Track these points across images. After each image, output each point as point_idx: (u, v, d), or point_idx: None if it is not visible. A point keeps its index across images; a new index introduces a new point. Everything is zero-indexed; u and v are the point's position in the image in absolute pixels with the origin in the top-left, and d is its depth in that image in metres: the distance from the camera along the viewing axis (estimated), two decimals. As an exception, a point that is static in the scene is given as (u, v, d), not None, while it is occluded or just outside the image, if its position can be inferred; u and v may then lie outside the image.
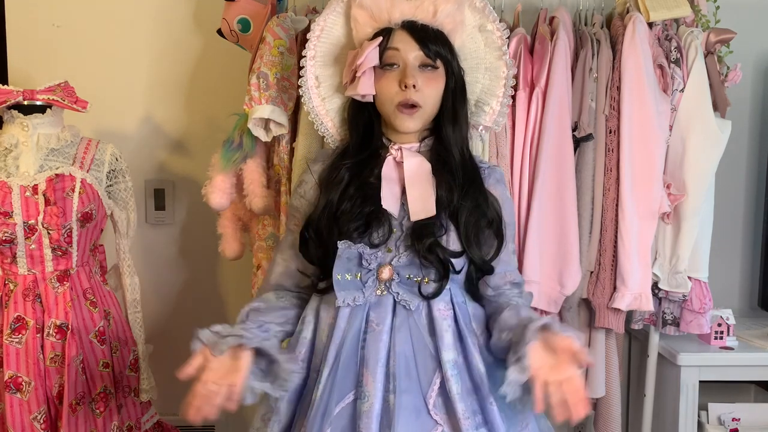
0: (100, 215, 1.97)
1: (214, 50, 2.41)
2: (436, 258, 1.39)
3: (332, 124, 1.56)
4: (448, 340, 1.39)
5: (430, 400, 1.36)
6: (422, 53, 1.42)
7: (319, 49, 1.52)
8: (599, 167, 1.99)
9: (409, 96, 1.40)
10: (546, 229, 1.95)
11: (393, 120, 1.44)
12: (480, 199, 1.44)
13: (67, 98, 1.93)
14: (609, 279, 2.00)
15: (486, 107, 1.55)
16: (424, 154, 1.47)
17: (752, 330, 2.33)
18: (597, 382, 2.04)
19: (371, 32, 1.45)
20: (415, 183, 1.43)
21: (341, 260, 1.38)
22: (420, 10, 1.43)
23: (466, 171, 1.45)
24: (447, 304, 1.41)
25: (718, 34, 2.03)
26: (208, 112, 2.49)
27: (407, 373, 1.36)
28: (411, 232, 1.41)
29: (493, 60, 1.52)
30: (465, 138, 1.49)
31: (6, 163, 1.89)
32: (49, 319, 1.88)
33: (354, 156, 1.47)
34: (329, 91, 1.54)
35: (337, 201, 1.42)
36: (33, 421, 1.84)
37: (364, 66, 1.41)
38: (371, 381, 1.35)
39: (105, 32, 2.49)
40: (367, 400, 1.34)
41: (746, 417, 2.20)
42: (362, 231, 1.40)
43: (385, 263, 1.40)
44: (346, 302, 1.39)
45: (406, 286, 1.40)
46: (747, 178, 2.54)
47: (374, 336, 1.37)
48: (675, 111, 2.00)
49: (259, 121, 1.87)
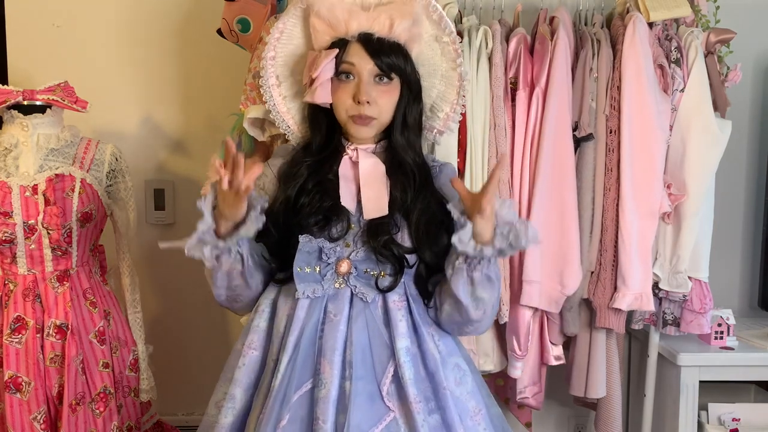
0: (100, 215, 1.97)
1: (214, 50, 2.40)
2: (392, 254, 1.45)
3: (293, 122, 1.61)
4: (402, 330, 1.44)
5: (384, 387, 1.41)
6: (376, 67, 1.46)
7: (280, 50, 1.57)
8: (599, 167, 1.99)
9: (363, 111, 1.46)
10: (546, 229, 1.95)
11: (348, 128, 1.51)
12: (431, 200, 1.50)
13: (67, 98, 1.93)
14: (609, 279, 2.00)
15: (440, 113, 1.60)
16: (379, 155, 1.53)
17: (752, 330, 2.33)
18: (597, 383, 2.04)
19: (329, 40, 1.49)
20: (369, 183, 1.49)
21: (302, 253, 1.44)
22: (377, 23, 1.47)
23: (419, 173, 1.51)
24: (401, 296, 1.48)
25: (718, 34, 2.03)
26: (208, 112, 2.49)
27: (363, 361, 1.41)
28: (367, 229, 1.46)
29: (449, 69, 1.57)
30: (418, 143, 1.55)
31: (6, 163, 1.89)
32: (49, 319, 1.88)
33: (315, 154, 1.52)
34: (290, 91, 1.59)
35: (295, 195, 1.47)
36: (33, 421, 1.84)
37: (320, 78, 1.46)
38: (328, 369, 1.40)
39: (105, 32, 2.49)
40: (323, 387, 1.39)
41: (746, 417, 2.20)
42: (322, 225, 1.46)
43: (343, 257, 1.46)
44: (306, 294, 1.44)
45: (363, 279, 1.46)
46: (747, 178, 2.54)
47: (332, 326, 1.43)
48: (675, 111, 2.00)
49: (254, 121, 1.87)
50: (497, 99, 1.94)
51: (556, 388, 2.32)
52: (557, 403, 2.48)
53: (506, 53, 1.96)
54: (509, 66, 1.97)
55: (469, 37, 1.93)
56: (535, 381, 2.08)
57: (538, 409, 2.12)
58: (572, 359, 2.09)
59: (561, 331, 2.04)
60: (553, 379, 2.25)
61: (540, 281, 1.95)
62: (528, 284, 1.95)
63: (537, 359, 2.06)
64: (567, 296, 1.97)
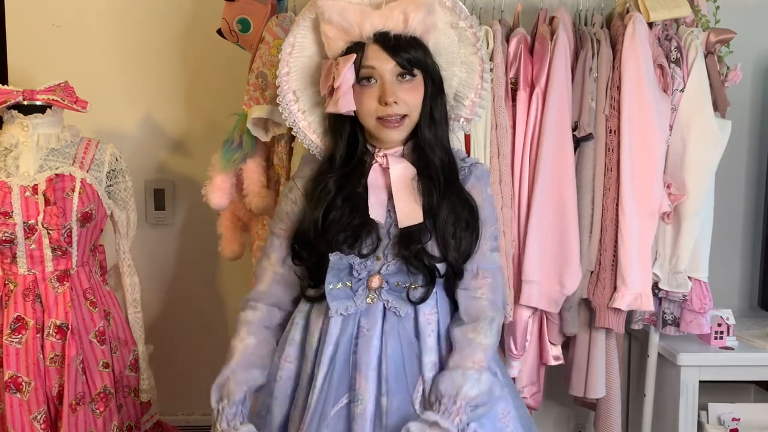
0: (100, 215, 1.97)
1: (214, 50, 2.40)
2: (423, 264, 1.42)
3: (316, 136, 1.54)
4: (430, 344, 1.44)
5: (416, 402, 1.40)
6: (398, 66, 1.41)
7: (293, 65, 1.50)
8: (599, 167, 1.99)
9: (391, 111, 1.40)
10: (546, 228, 1.95)
11: (377, 133, 1.44)
12: (456, 201, 1.45)
13: (67, 98, 1.93)
14: (609, 279, 2.00)
15: (465, 100, 1.53)
16: (407, 157, 1.48)
17: (752, 330, 2.33)
18: (597, 383, 2.04)
19: (344, 46, 1.42)
20: (401, 190, 1.44)
21: (332, 271, 1.41)
22: (390, 20, 1.40)
23: (444, 174, 1.46)
24: (432, 308, 1.45)
25: (718, 34, 2.03)
26: (208, 112, 2.49)
27: (397, 375, 1.41)
28: (398, 239, 1.43)
29: (468, 55, 1.50)
30: (445, 137, 1.49)
31: (6, 163, 1.89)
32: (49, 319, 1.88)
33: (340, 167, 1.47)
34: (308, 104, 1.52)
35: (324, 212, 1.43)
36: (33, 421, 1.84)
37: (342, 87, 1.40)
38: (364, 384, 1.39)
39: (105, 32, 2.49)
40: (360, 403, 1.39)
41: (746, 417, 2.20)
42: (352, 243, 1.42)
43: (374, 272, 1.43)
44: (339, 312, 1.42)
45: (395, 293, 1.43)
46: (747, 178, 2.54)
47: (366, 341, 1.42)
48: (675, 111, 2.00)
49: (258, 121, 1.87)
50: (498, 99, 1.94)
51: (556, 388, 2.32)
52: (556, 403, 2.48)
53: (506, 53, 1.96)
54: (509, 66, 1.97)
55: (469, 37, 1.93)
56: (534, 381, 2.08)
57: (537, 409, 2.12)
58: (571, 359, 2.10)
59: (560, 331, 2.04)
60: (553, 379, 2.25)
61: (539, 281, 1.95)
62: (527, 284, 1.96)
63: (536, 359, 2.07)
64: (566, 296, 1.97)
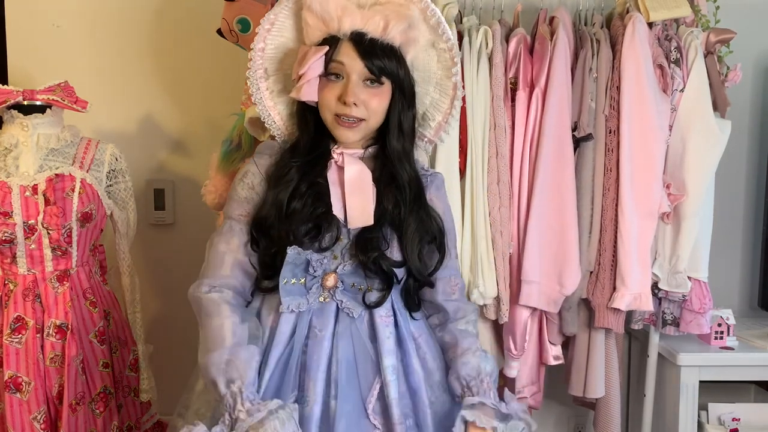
0: (100, 215, 1.97)
1: (214, 50, 2.41)
2: (380, 269, 1.41)
3: (279, 118, 1.53)
4: (389, 346, 1.42)
5: (369, 405, 1.39)
6: (366, 69, 1.39)
7: (270, 42, 1.48)
8: (599, 167, 1.99)
9: (349, 112, 1.39)
10: (546, 229, 1.95)
11: (332, 130, 1.44)
12: (423, 215, 1.46)
13: (67, 98, 1.93)
14: (609, 279, 2.00)
15: (432, 121, 1.54)
16: (366, 161, 1.47)
17: (752, 330, 2.33)
18: (597, 382, 2.04)
19: (320, 36, 1.41)
20: (354, 191, 1.43)
21: (288, 265, 1.39)
22: (371, 23, 1.39)
23: (412, 188, 1.46)
24: (388, 310, 1.44)
25: (718, 34, 2.03)
26: (208, 112, 2.49)
27: (348, 378, 1.38)
28: (356, 243, 1.42)
29: (443, 78, 1.50)
30: (412, 150, 1.49)
31: (6, 163, 1.89)
32: (48, 319, 1.88)
33: (304, 155, 1.46)
34: (277, 85, 1.51)
35: (287, 200, 1.41)
36: (33, 421, 1.84)
37: (308, 75, 1.39)
38: (312, 386, 1.37)
39: (105, 32, 2.49)
40: (307, 405, 1.36)
41: (746, 417, 2.20)
42: (313, 235, 1.40)
43: (330, 271, 1.41)
44: (290, 308, 1.40)
45: (350, 293, 1.42)
46: (747, 178, 2.54)
47: (316, 342, 1.39)
48: (675, 111, 2.00)
49: (255, 121, 1.87)
50: (497, 99, 1.94)
51: (555, 388, 2.32)
52: (556, 403, 2.48)
53: (506, 53, 1.96)
54: (509, 66, 1.97)
55: (470, 37, 1.93)
56: (534, 381, 2.08)
57: (537, 408, 2.12)
58: (571, 359, 2.09)
59: (560, 330, 2.04)
60: (552, 379, 2.25)
61: (539, 281, 1.95)
62: (527, 284, 1.95)
63: (536, 359, 2.07)
64: (566, 296, 1.97)
